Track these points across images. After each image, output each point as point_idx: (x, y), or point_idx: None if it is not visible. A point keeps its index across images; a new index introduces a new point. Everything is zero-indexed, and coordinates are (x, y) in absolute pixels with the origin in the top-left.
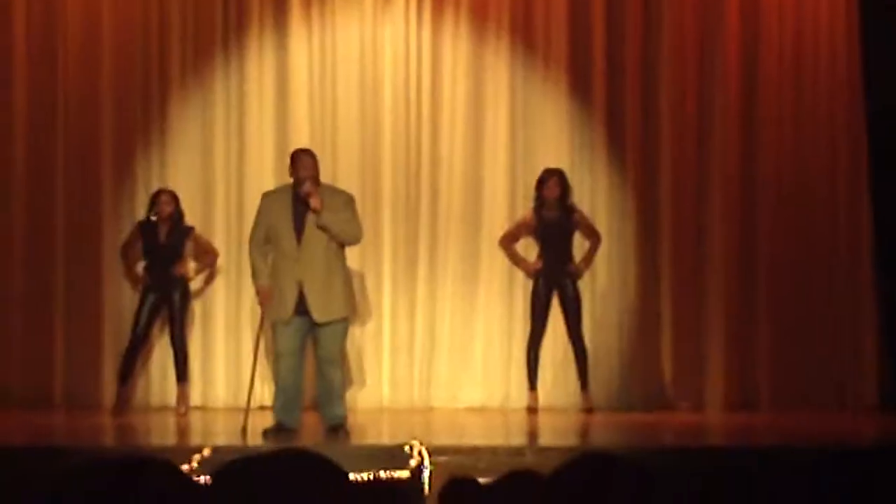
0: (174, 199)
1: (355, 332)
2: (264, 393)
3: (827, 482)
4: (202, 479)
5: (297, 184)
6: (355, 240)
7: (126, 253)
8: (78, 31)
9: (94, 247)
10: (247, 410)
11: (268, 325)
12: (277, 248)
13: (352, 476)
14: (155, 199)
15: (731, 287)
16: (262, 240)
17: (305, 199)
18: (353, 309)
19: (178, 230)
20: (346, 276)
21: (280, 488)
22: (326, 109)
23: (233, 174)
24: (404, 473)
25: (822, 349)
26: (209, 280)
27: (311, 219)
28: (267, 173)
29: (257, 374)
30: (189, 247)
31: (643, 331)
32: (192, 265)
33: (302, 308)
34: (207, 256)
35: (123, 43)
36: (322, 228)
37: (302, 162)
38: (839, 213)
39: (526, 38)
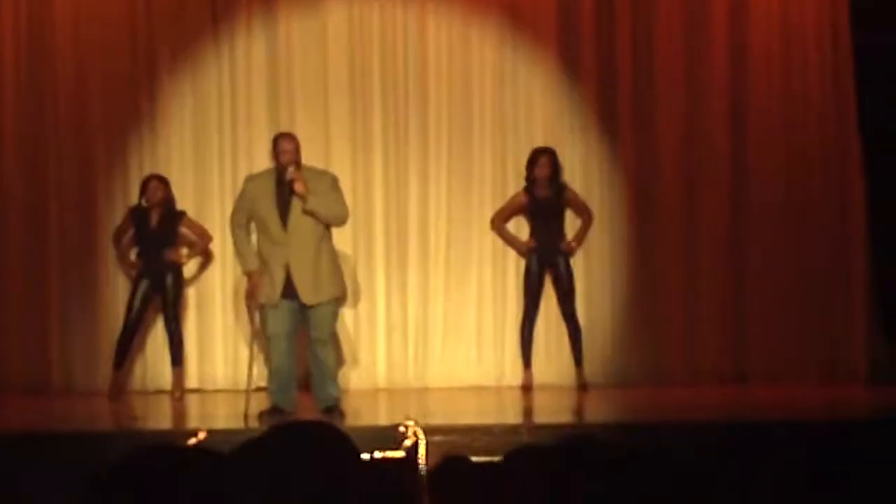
0: (165, 184)
1: (348, 313)
2: (262, 375)
3: (819, 455)
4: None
5: (279, 169)
6: (342, 221)
7: (118, 240)
8: (67, 16)
9: (87, 234)
10: (247, 394)
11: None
12: (263, 233)
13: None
14: (145, 185)
15: (722, 259)
16: (245, 223)
17: (290, 185)
18: (342, 289)
19: (170, 215)
20: (334, 257)
21: (298, 457)
22: (319, 91)
23: (227, 158)
24: (399, 454)
25: (811, 323)
26: (204, 265)
27: (296, 203)
28: (259, 156)
29: (255, 356)
30: (181, 232)
31: (636, 306)
32: (184, 250)
33: (291, 291)
34: (201, 241)
35: (111, 26)
36: (308, 213)
37: (282, 146)
38: (831, 191)
39: (513, 15)
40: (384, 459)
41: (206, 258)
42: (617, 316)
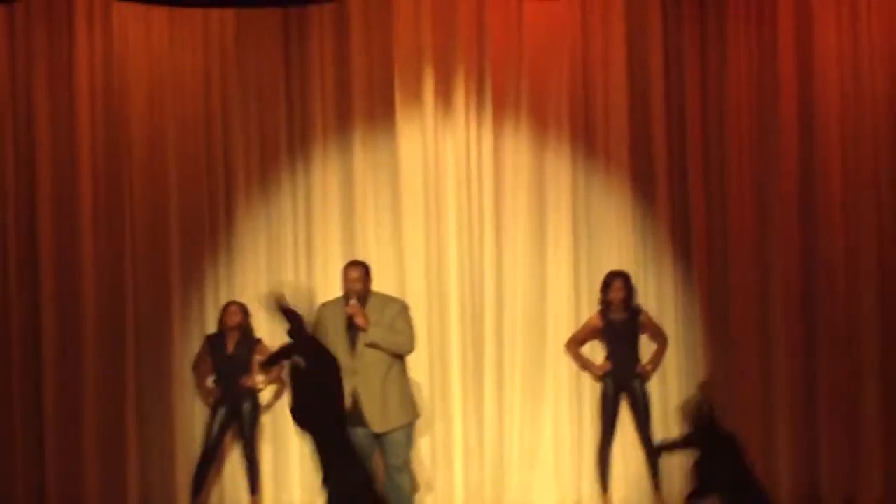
0: (243, 310)
1: (424, 438)
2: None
3: None
4: None
5: (347, 298)
6: (406, 352)
7: (197, 367)
8: (142, 144)
9: (164, 360)
10: None
11: None
12: None
13: None
14: (225, 310)
15: (797, 384)
16: None
17: (350, 318)
18: (414, 414)
19: (246, 341)
20: (405, 383)
21: None
22: (393, 216)
23: (301, 285)
24: None
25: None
26: (279, 392)
27: (363, 333)
28: (333, 282)
29: None
30: (256, 359)
31: None
32: (259, 377)
33: (361, 419)
34: (275, 368)
35: (187, 154)
36: (370, 346)
37: (348, 275)
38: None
39: (587, 141)
40: None
41: (282, 385)
42: None
